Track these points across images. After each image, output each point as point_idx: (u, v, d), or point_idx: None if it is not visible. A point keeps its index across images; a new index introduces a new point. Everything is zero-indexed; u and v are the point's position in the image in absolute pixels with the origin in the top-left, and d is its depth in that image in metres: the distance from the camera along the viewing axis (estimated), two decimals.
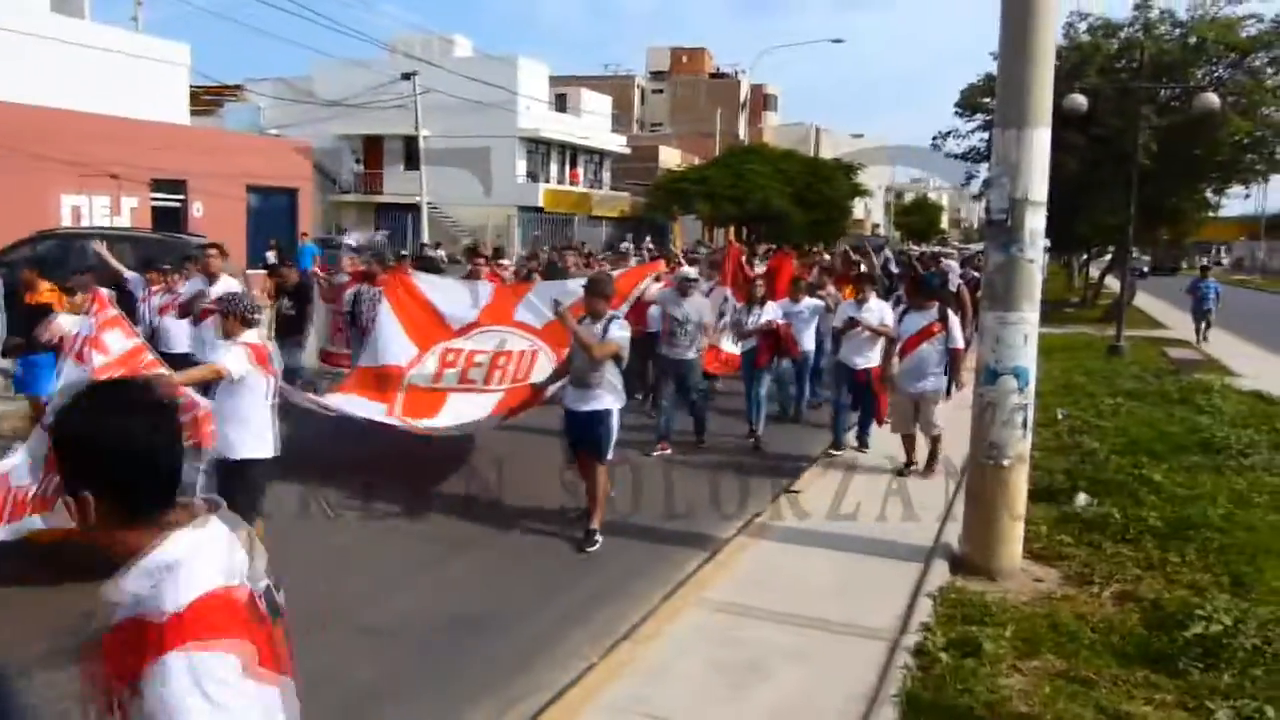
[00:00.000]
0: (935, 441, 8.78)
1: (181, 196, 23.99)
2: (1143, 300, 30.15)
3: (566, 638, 5.31)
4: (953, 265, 12.39)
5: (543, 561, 6.53)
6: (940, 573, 6.17)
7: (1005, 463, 6.16)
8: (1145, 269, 45.51)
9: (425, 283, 9.67)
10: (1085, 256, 33.46)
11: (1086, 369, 15.12)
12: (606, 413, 6.71)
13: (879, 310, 9.33)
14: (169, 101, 25.27)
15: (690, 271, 10.15)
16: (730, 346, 11.41)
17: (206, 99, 38.64)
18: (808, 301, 10.90)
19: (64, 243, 15.59)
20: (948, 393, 8.91)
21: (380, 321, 9.23)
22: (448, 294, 9.44)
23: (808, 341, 10.82)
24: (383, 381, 8.68)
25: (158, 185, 23.13)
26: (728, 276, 12.45)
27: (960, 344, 8.68)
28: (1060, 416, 10.82)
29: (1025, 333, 6.14)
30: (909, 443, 8.87)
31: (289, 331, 10.54)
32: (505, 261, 15.96)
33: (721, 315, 11.51)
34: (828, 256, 18.56)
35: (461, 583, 6.05)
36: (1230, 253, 72.26)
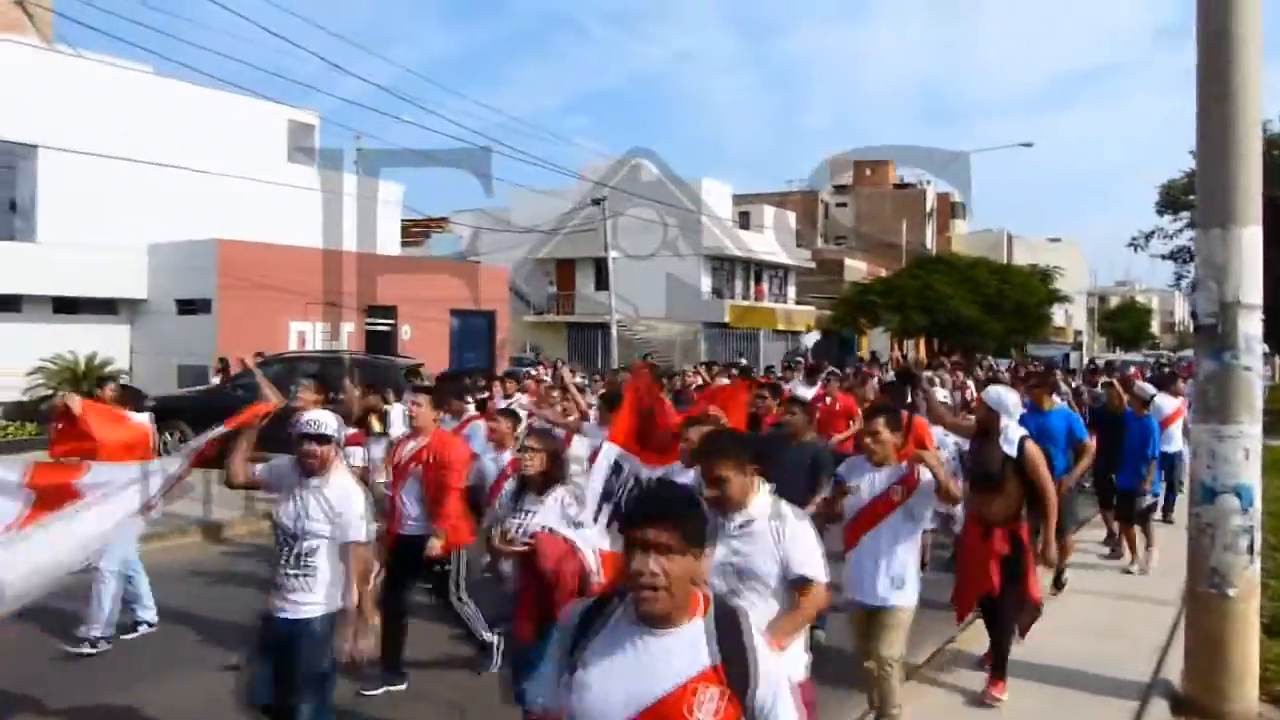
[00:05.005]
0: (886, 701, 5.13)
1: (392, 321, 25.96)
2: None
3: None
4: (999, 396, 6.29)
5: None
6: (1160, 713, 5.58)
7: (1230, 592, 5.55)
8: None
9: None
10: None
11: None
12: None
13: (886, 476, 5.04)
14: (384, 235, 27.71)
15: (304, 412, 4.91)
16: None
17: (416, 230, 41.75)
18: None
19: (290, 365, 17.23)
20: (1015, 604, 5.88)
21: None
22: None
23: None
24: None
25: (371, 311, 25.16)
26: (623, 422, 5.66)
27: (956, 516, 5.27)
28: None
29: (1246, 446, 5.59)
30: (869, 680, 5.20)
31: None
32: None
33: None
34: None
35: None
36: None
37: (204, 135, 23.73)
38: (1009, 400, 6.17)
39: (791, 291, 51.82)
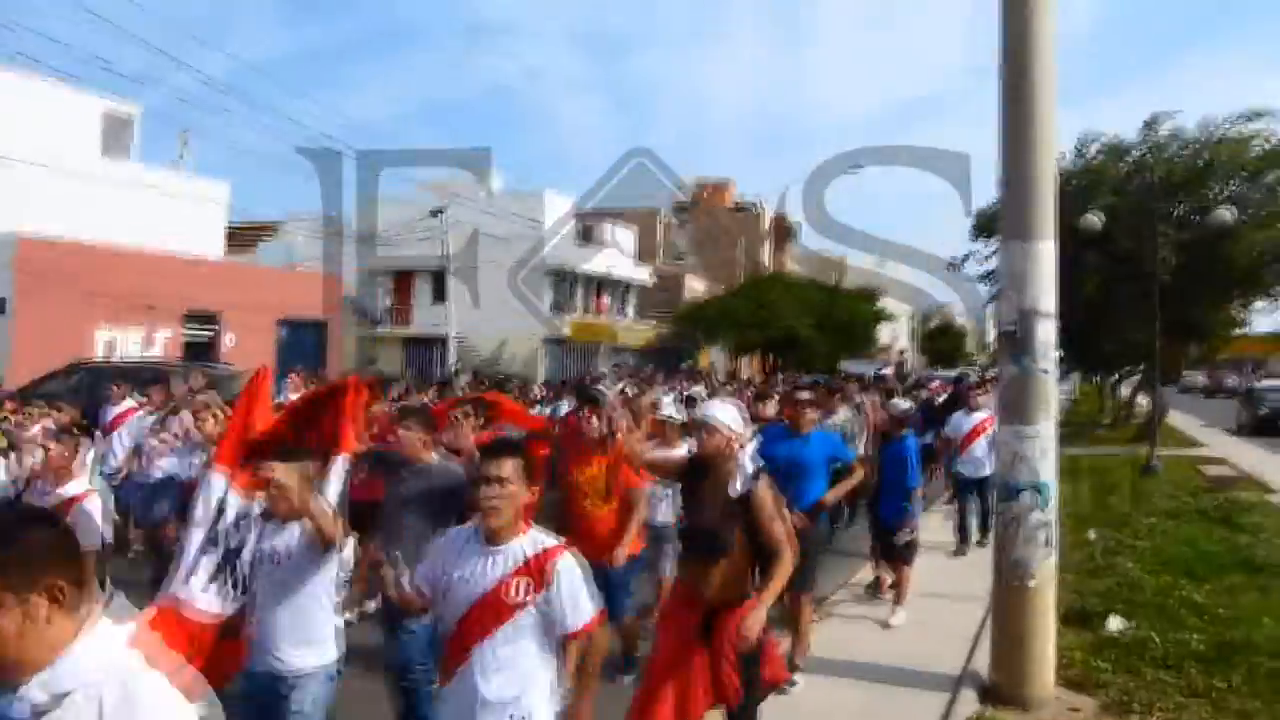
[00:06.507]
0: None
1: (214, 329, 24.63)
2: (1175, 418, 29.68)
3: None
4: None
5: None
6: (969, 702, 5.86)
7: (1030, 583, 5.90)
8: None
9: None
10: (1116, 377, 33.19)
11: (1120, 489, 14.73)
12: None
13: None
14: (207, 237, 26.28)
15: None
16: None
17: (245, 235, 39.89)
18: None
19: (95, 373, 16.02)
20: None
21: None
22: None
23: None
24: None
25: (191, 318, 23.81)
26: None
27: (578, 622, 3.21)
28: (1093, 538, 10.48)
29: (1043, 446, 5.96)
30: None
31: None
32: None
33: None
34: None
35: None
36: (1261, 369, 70.80)
37: (3, 121, 21.80)
38: (733, 417, 4.36)
39: (632, 307, 52.38)
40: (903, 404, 8.73)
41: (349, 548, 3.97)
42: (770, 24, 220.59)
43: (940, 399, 14.11)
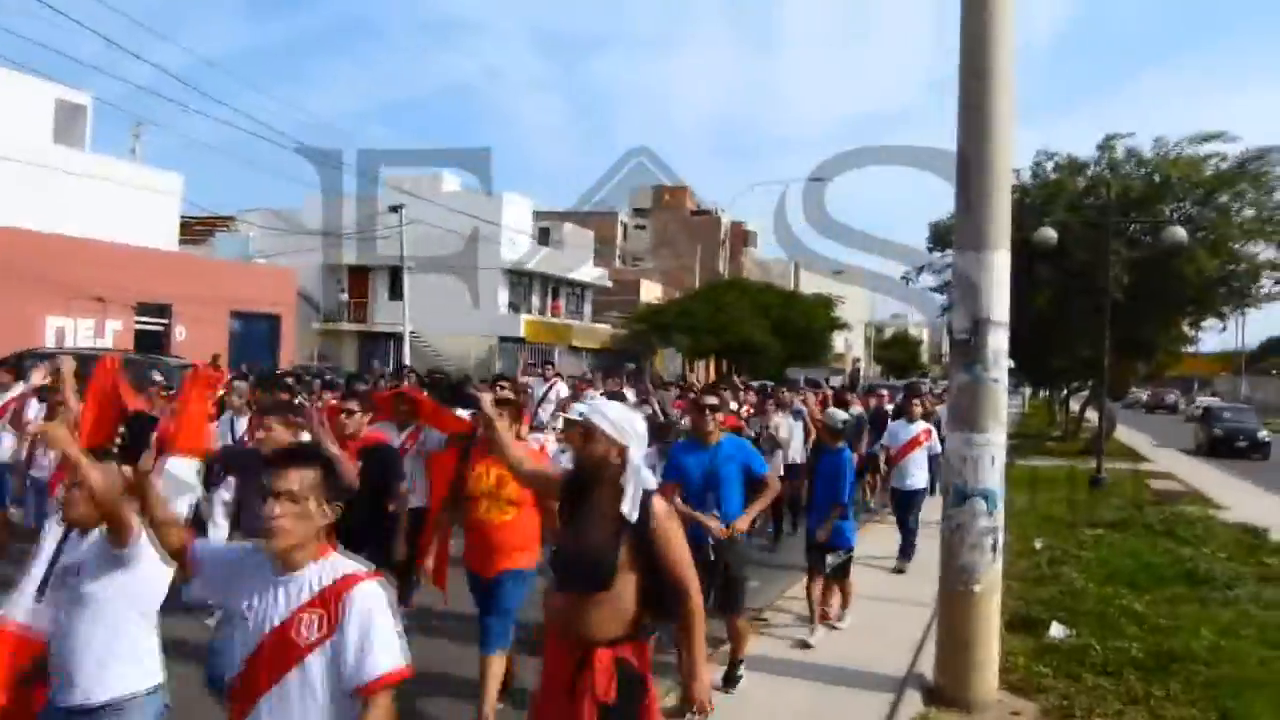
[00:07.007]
0: None
1: (166, 320, 24.32)
2: (1123, 433, 30.29)
3: None
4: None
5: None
6: (913, 703, 5.90)
7: (976, 588, 5.96)
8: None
9: None
10: (1065, 391, 33.79)
11: (1067, 500, 15.02)
12: None
13: None
14: (160, 229, 25.90)
15: None
16: None
17: (199, 228, 39.27)
18: None
19: (42, 362, 15.65)
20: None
21: None
22: None
23: None
24: None
25: (143, 309, 23.49)
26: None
27: (365, 675, 2.57)
28: (1039, 546, 10.64)
29: (992, 454, 6.03)
30: None
31: None
32: None
33: None
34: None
35: None
36: (1207, 387, 72.70)
37: None
38: (617, 420, 3.42)
39: (588, 309, 52.33)
40: (840, 415, 7.83)
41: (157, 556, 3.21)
42: (735, 33, 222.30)
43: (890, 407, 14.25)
